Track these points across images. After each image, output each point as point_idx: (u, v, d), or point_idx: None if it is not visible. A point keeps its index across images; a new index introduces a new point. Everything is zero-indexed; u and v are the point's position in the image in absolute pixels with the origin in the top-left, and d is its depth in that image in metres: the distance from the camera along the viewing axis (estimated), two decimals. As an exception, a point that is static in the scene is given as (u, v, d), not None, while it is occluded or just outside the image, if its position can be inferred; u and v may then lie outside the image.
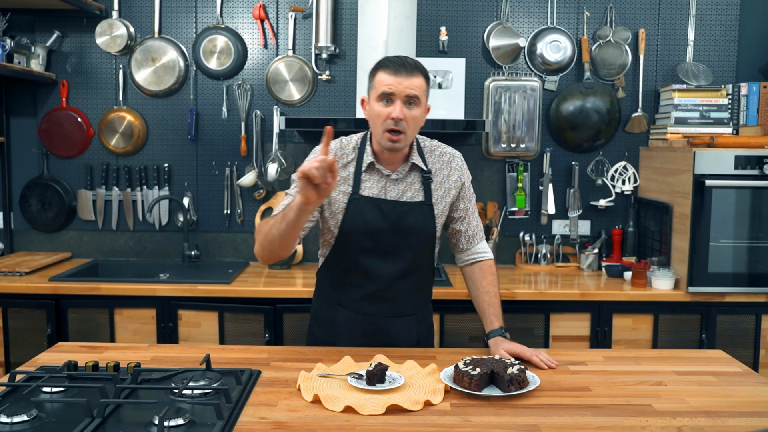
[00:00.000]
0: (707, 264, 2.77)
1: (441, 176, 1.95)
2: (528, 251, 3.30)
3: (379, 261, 1.89)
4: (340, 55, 3.26)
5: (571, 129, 3.25)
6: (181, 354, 1.87)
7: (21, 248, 3.37)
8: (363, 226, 1.87)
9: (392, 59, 1.82)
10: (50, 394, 1.52)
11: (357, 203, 1.88)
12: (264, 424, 1.41)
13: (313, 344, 2.04)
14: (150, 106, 3.30)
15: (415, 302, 1.99)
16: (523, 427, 1.41)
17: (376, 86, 1.81)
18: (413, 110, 1.80)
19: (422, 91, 1.82)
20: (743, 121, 3.07)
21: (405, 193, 1.91)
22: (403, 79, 1.77)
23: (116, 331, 2.79)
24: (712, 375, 1.75)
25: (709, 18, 3.29)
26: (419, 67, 1.82)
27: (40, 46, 3.18)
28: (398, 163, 1.91)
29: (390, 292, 1.92)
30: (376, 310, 1.94)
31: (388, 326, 1.95)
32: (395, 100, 1.78)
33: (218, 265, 3.24)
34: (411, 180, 1.92)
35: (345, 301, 1.96)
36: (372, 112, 1.84)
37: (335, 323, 1.98)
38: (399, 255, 1.90)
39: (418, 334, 2.01)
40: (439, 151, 1.98)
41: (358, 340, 1.95)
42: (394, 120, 1.78)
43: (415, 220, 1.89)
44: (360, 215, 1.87)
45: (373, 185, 1.90)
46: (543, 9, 3.28)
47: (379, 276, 1.90)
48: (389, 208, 1.88)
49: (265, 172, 3.24)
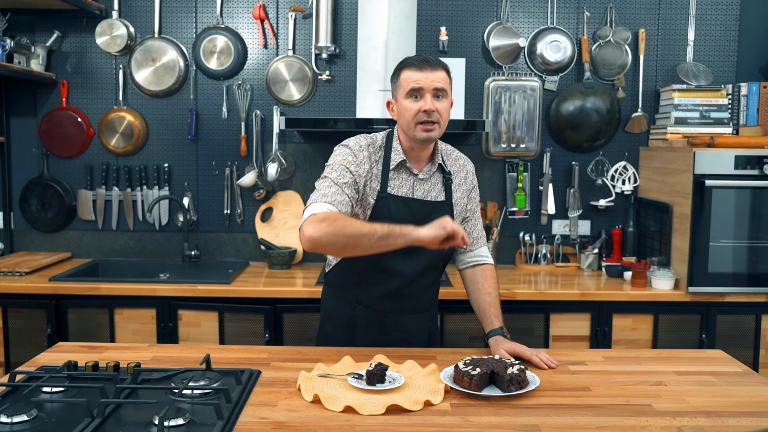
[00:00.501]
0: (707, 264, 2.77)
1: (459, 178, 2.02)
2: (528, 251, 3.30)
3: (403, 259, 1.91)
4: (340, 55, 3.26)
5: (571, 129, 3.25)
6: (181, 354, 1.87)
7: (21, 248, 3.37)
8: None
9: (414, 58, 1.88)
10: (50, 394, 1.52)
11: (386, 201, 1.90)
12: (264, 424, 1.41)
13: (327, 344, 2.03)
14: (150, 106, 3.30)
15: (429, 298, 2.06)
16: (523, 427, 1.41)
17: (402, 84, 1.85)
18: (442, 102, 1.85)
19: (447, 84, 1.87)
20: (743, 121, 3.07)
21: (430, 193, 1.96)
22: (429, 73, 1.83)
23: (116, 331, 2.79)
24: (712, 375, 1.75)
25: (709, 18, 3.29)
26: (441, 63, 1.88)
27: (40, 46, 3.18)
28: (424, 162, 1.96)
29: (410, 289, 1.97)
30: (395, 306, 1.97)
31: (405, 322, 2.00)
32: (424, 94, 1.83)
33: (218, 265, 3.24)
34: (435, 180, 1.98)
35: (364, 298, 1.98)
36: (401, 109, 1.87)
37: (354, 321, 1.99)
38: (420, 252, 1.90)
39: (430, 330, 2.07)
40: (455, 155, 2.06)
41: (378, 338, 1.97)
42: (427, 112, 1.82)
43: (440, 218, 1.91)
44: (388, 213, 1.89)
45: (402, 184, 1.93)
46: (543, 9, 3.28)
47: (402, 273, 1.93)
48: (417, 207, 1.92)
49: (265, 172, 3.24)
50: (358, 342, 1.98)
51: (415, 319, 2.02)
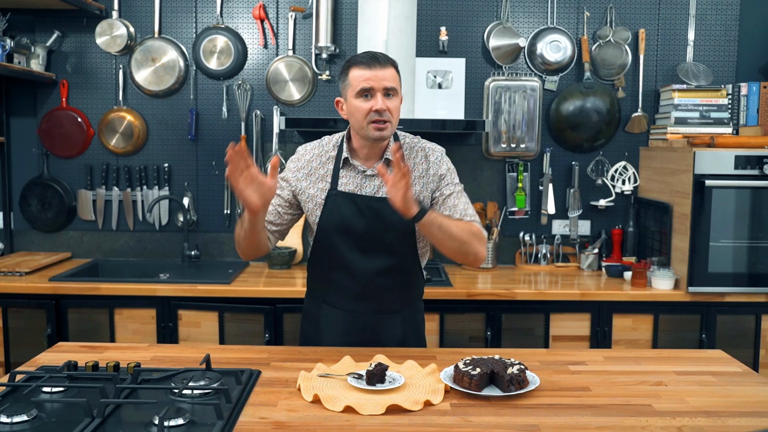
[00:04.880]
0: (707, 264, 2.77)
1: (419, 170, 1.94)
2: (528, 251, 3.30)
3: (359, 257, 1.91)
4: (340, 55, 3.26)
5: (571, 129, 3.25)
6: (181, 354, 1.87)
7: (21, 248, 3.37)
8: (340, 222, 1.90)
9: (362, 56, 1.85)
10: (50, 394, 1.52)
11: (334, 199, 1.91)
12: (264, 424, 1.41)
13: (304, 342, 2.07)
14: (150, 106, 3.30)
15: (400, 300, 1.99)
16: (523, 427, 1.41)
17: (352, 83, 1.83)
18: (393, 101, 1.84)
19: (397, 82, 1.85)
20: (743, 121, 3.07)
21: (381, 189, 1.92)
22: (379, 71, 1.81)
23: (116, 331, 2.79)
24: (712, 375, 1.75)
25: (709, 18, 3.29)
26: (390, 60, 1.86)
27: (40, 46, 3.18)
28: (375, 159, 1.93)
29: (371, 289, 1.93)
30: (359, 307, 1.95)
31: (372, 323, 1.96)
32: (375, 93, 1.81)
33: (218, 265, 3.24)
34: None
35: (329, 298, 1.99)
36: (352, 108, 1.85)
37: (320, 320, 2.00)
38: (378, 251, 1.91)
39: (403, 333, 2.00)
40: (419, 147, 1.98)
41: (342, 338, 1.96)
42: (378, 112, 1.80)
43: (392, 215, 1.86)
44: (337, 211, 1.90)
45: (350, 181, 1.93)
46: (543, 9, 3.28)
47: (360, 272, 1.92)
48: (364, 203, 1.90)
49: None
50: (326, 341, 1.98)
51: (385, 320, 1.97)
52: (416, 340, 2.05)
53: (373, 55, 1.84)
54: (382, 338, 1.97)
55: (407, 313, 2.02)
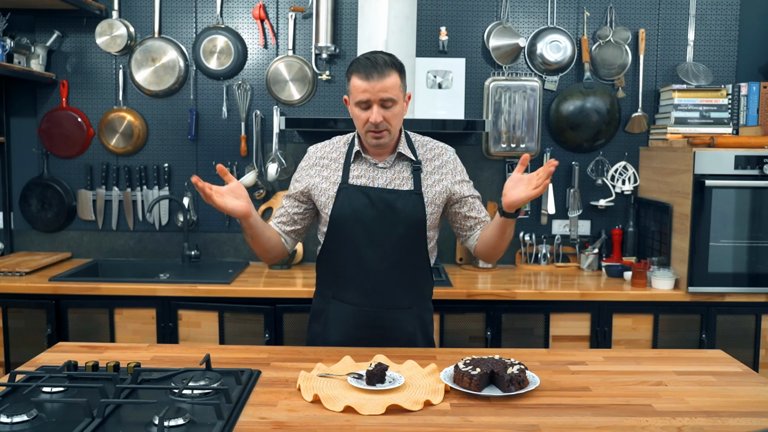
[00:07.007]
0: (707, 264, 2.77)
1: (432, 166, 1.98)
2: (528, 251, 3.30)
3: (370, 250, 1.92)
4: (340, 55, 3.26)
5: (571, 129, 3.25)
6: (181, 354, 1.87)
7: (21, 248, 3.37)
8: (352, 214, 1.91)
9: (363, 60, 1.83)
10: (50, 394, 1.52)
11: (346, 191, 1.92)
12: (264, 424, 1.41)
13: (311, 340, 2.07)
14: (150, 106, 3.30)
15: (410, 296, 1.99)
16: (523, 427, 1.42)
17: (352, 92, 1.86)
18: (391, 110, 1.84)
19: (397, 89, 1.84)
20: (743, 121, 3.07)
21: (393, 181, 1.94)
22: (376, 83, 1.80)
23: (116, 331, 2.79)
24: (712, 375, 1.75)
25: (709, 18, 3.29)
26: (390, 63, 1.83)
27: (40, 46, 3.18)
28: (386, 153, 1.96)
29: (381, 284, 1.94)
30: (368, 302, 1.95)
31: (381, 318, 1.96)
32: (372, 105, 1.82)
33: (218, 265, 3.24)
34: (399, 169, 1.96)
35: (339, 293, 1.99)
36: (353, 114, 1.90)
37: (329, 316, 2.00)
38: (389, 244, 1.92)
39: (412, 330, 2.00)
40: (431, 145, 2.02)
41: (352, 333, 1.96)
42: (374, 124, 1.83)
43: (404, 207, 1.91)
44: (348, 203, 1.91)
45: (362, 174, 1.94)
46: (543, 9, 3.28)
47: (371, 266, 1.92)
48: (376, 195, 1.91)
49: (265, 172, 3.24)
50: (334, 337, 1.98)
51: (395, 315, 1.97)
52: (424, 338, 2.05)
53: (374, 61, 1.81)
54: (390, 334, 1.97)
55: (416, 310, 2.02)
